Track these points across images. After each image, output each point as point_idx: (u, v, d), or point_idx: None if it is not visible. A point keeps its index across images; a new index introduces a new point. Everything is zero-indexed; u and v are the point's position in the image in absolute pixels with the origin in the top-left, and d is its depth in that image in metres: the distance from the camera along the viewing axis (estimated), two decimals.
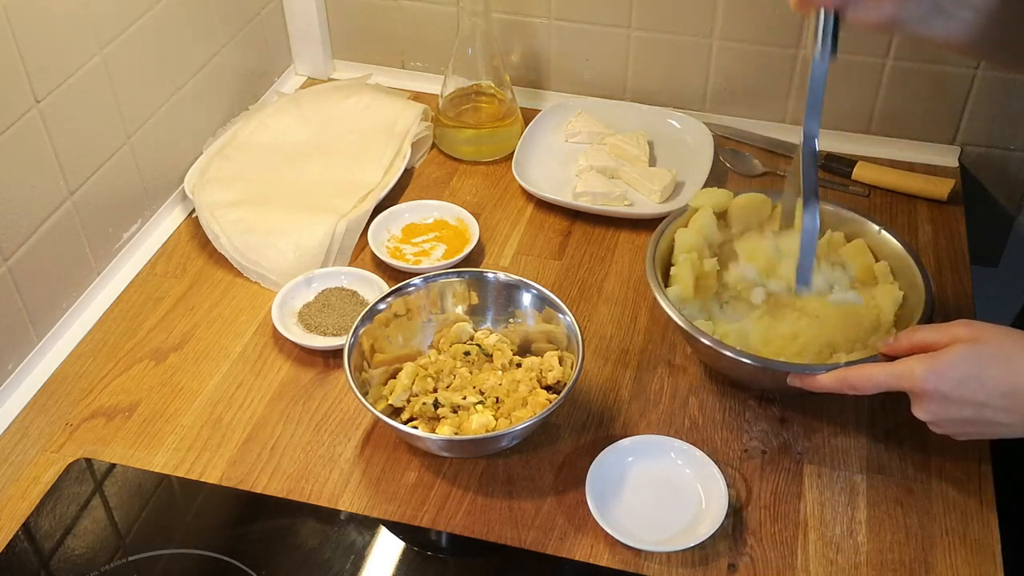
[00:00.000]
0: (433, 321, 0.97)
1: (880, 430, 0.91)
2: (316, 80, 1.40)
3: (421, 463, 0.89)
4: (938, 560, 0.81)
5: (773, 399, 0.94)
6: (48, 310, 1.00)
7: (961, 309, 1.03)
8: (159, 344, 1.01)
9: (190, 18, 1.15)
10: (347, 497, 0.86)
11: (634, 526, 0.82)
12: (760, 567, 0.81)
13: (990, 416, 0.75)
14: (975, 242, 1.13)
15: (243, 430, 0.92)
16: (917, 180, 1.18)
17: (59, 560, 0.81)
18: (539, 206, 1.18)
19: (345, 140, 1.24)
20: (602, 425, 0.92)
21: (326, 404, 0.94)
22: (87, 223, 1.03)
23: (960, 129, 1.23)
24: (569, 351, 0.91)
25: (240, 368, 0.98)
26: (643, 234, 1.13)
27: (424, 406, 0.88)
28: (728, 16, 1.21)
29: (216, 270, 1.09)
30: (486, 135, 1.25)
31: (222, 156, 1.19)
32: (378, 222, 1.12)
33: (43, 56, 0.93)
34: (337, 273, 1.06)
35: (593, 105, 1.30)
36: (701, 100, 1.30)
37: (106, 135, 1.04)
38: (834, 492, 0.86)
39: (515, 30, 1.31)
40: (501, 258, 1.11)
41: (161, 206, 1.16)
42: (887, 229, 0.97)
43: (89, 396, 0.95)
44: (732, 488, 0.86)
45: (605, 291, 1.07)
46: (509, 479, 0.87)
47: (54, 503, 0.85)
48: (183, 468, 0.89)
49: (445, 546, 0.83)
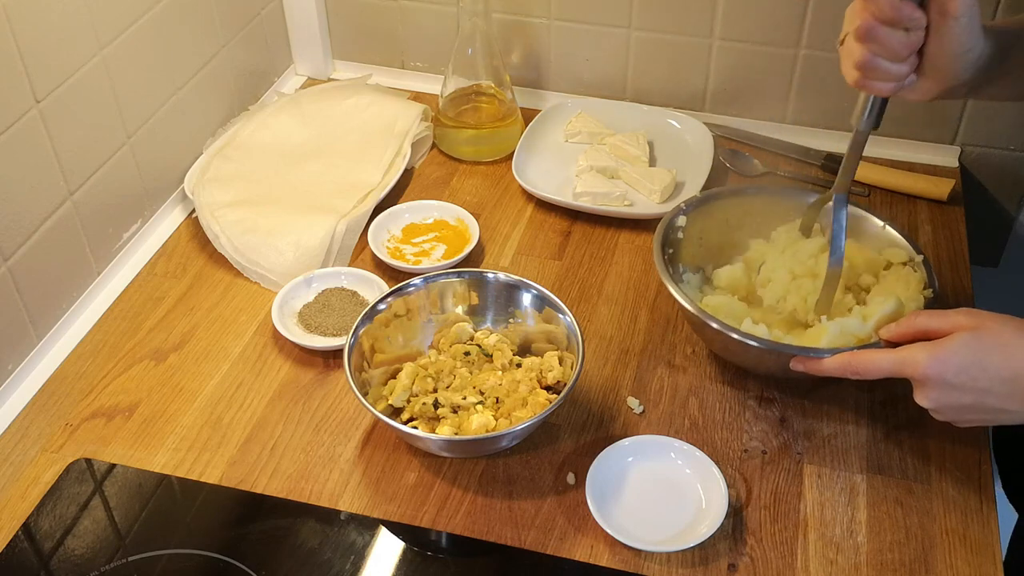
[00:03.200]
0: (433, 321, 0.97)
1: (880, 430, 0.91)
2: (316, 80, 1.40)
3: (421, 463, 0.89)
4: (938, 560, 0.81)
5: (773, 399, 0.94)
6: (48, 310, 1.00)
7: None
8: (159, 344, 1.01)
9: (190, 18, 1.15)
10: (347, 497, 0.86)
11: (634, 526, 0.82)
12: (760, 567, 0.81)
13: (992, 403, 0.76)
14: (975, 242, 1.14)
15: (243, 430, 0.92)
16: (917, 180, 1.18)
17: (59, 560, 0.81)
18: (539, 206, 1.18)
19: (345, 140, 1.24)
20: (602, 425, 0.92)
21: (326, 404, 0.94)
22: (87, 223, 1.03)
23: (960, 129, 1.23)
24: (569, 351, 0.91)
25: (240, 368, 0.98)
26: (643, 234, 1.13)
27: (424, 406, 0.88)
28: (728, 16, 1.22)
29: (216, 270, 1.09)
30: (486, 135, 1.25)
31: (222, 156, 1.19)
32: (378, 222, 1.12)
33: (43, 56, 0.93)
34: (337, 273, 1.06)
35: (593, 105, 1.30)
36: (701, 100, 1.30)
37: (106, 135, 1.04)
38: (834, 492, 0.86)
39: (515, 30, 1.31)
40: (501, 258, 1.11)
41: (161, 206, 1.16)
42: (891, 224, 0.97)
43: (89, 396, 0.95)
44: (732, 488, 0.86)
45: (605, 291, 1.07)
46: (509, 479, 0.87)
47: (54, 503, 0.85)
48: (183, 468, 0.89)
49: (445, 546, 0.83)
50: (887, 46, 0.77)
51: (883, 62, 0.78)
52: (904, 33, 0.77)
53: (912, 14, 0.76)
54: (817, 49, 1.21)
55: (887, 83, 0.80)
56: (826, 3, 1.17)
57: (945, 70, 0.79)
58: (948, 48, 0.78)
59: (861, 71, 0.80)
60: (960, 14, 0.75)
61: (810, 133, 1.27)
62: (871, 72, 0.79)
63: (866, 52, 0.78)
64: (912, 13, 0.76)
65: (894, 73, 0.79)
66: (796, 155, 1.25)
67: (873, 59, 0.78)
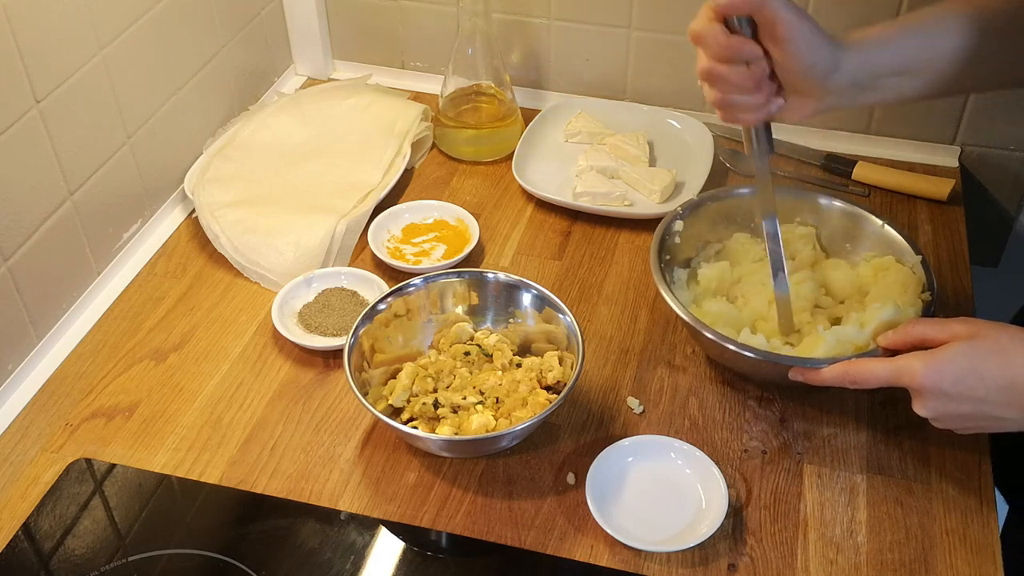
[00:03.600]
0: (433, 321, 0.97)
1: (880, 430, 0.91)
2: (316, 80, 1.40)
3: (421, 463, 0.89)
4: (938, 560, 0.81)
5: (773, 399, 0.94)
6: (48, 310, 1.00)
7: (961, 309, 1.03)
8: (159, 344, 1.01)
9: (190, 18, 1.15)
10: (347, 497, 0.86)
11: (634, 526, 0.82)
12: (760, 567, 0.81)
13: (990, 411, 0.76)
14: (975, 242, 1.13)
15: (243, 430, 0.92)
16: (917, 180, 1.18)
17: (59, 560, 0.81)
18: (539, 206, 1.18)
19: (345, 140, 1.24)
20: (602, 425, 0.92)
21: (326, 404, 0.94)
22: (87, 223, 1.03)
23: (960, 129, 1.23)
24: (569, 351, 0.91)
25: (240, 368, 0.98)
26: (643, 234, 1.13)
27: (424, 406, 0.88)
28: None
29: (216, 270, 1.09)
30: (486, 135, 1.25)
31: (222, 156, 1.19)
32: (378, 222, 1.12)
33: (43, 56, 0.93)
34: (337, 273, 1.06)
35: (593, 105, 1.30)
36: (701, 100, 1.30)
37: (106, 135, 1.04)
38: (834, 492, 0.86)
39: (515, 30, 1.31)
40: (501, 258, 1.11)
41: (161, 206, 1.16)
42: (890, 224, 0.97)
43: (89, 396, 0.95)
44: (732, 488, 0.86)
45: (605, 291, 1.07)
46: (509, 479, 0.87)
47: (54, 503, 0.85)
48: (183, 468, 0.89)
49: (445, 546, 0.83)
50: (732, 83, 0.77)
51: (736, 97, 0.79)
52: (745, 67, 0.77)
53: (743, 48, 0.76)
54: None
55: (750, 113, 0.80)
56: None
57: (805, 88, 0.79)
58: (793, 68, 0.77)
59: (720, 109, 0.80)
60: (791, 38, 0.75)
61: (810, 133, 1.27)
62: (730, 108, 0.80)
63: (716, 92, 0.79)
64: (743, 47, 0.76)
65: (752, 104, 0.79)
66: (796, 155, 1.25)
67: (725, 97, 0.79)
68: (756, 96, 0.79)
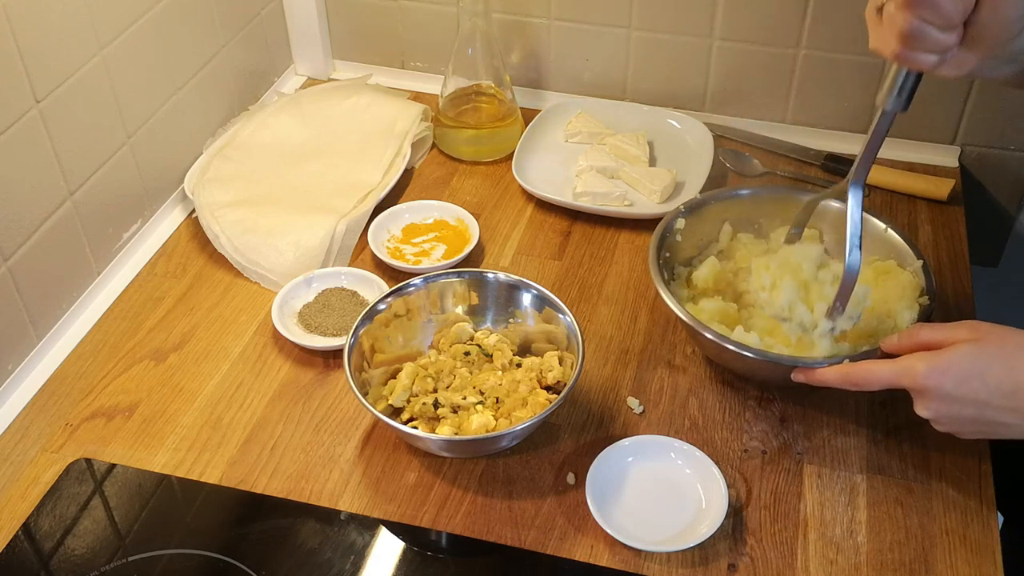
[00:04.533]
0: (433, 321, 0.97)
1: (880, 430, 0.91)
2: (316, 80, 1.40)
3: (421, 463, 0.89)
4: (938, 560, 0.81)
5: (773, 399, 0.94)
6: (48, 310, 1.00)
7: (961, 309, 1.03)
8: (159, 344, 1.01)
9: (190, 18, 1.15)
10: (347, 497, 0.86)
11: (634, 526, 0.82)
12: (760, 567, 0.81)
13: (992, 415, 0.75)
14: (975, 242, 1.13)
15: (243, 430, 0.92)
16: (917, 180, 1.18)
17: (59, 560, 0.81)
18: (539, 206, 1.18)
19: (345, 140, 1.24)
20: (602, 425, 0.92)
21: (326, 404, 0.94)
22: (87, 223, 1.03)
23: (960, 129, 1.23)
24: (569, 351, 0.91)
25: (240, 368, 0.98)
26: (643, 234, 1.13)
27: (424, 406, 0.88)
28: (728, 16, 1.21)
29: (216, 270, 1.09)
30: (486, 135, 1.25)
31: (222, 156, 1.19)
32: (378, 222, 1.12)
33: (43, 56, 0.93)
34: (337, 273, 1.06)
35: (593, 105, 1.30)
36: (701, 100, 1.30)
37: (106, 135, 1.04)
38: (834, 492, 0.86)
39: (515, 30, 1.31)
40: (501, 258, 1.11)
41: (161, 206, 1.16)
42: (892, 227, 0.97)
43: (89, 396, 0.95)
44: (732, 488, 0.86)
45: (605, 291, 1.07)
46: (509, 479, 0.87)
47: (54, 503, 0.85)
48: (183, 468, 0.89)
49: (445, 546, 0.83)
50: (940, 11, 0.69)
51: (932, 30, 0.70)
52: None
53: None
54: (817, 49, 1.21)
55: (932, 55, 0.72)
56: (826, 3, 1.17)
57: (991, 39, 0.72)
58: (996, 17, 0.70)
59: (904, 42, 0.72)
60: None
61: (810, 133, 1.27)
62: (916, 42, 0.71)
63: (913, 19, 0.70)
64: None
65: (942, 43, 0.71)
66: (796, 155, 1.25)
67: (921, 27, 0.70)
68: (951, 35, 0.71)
